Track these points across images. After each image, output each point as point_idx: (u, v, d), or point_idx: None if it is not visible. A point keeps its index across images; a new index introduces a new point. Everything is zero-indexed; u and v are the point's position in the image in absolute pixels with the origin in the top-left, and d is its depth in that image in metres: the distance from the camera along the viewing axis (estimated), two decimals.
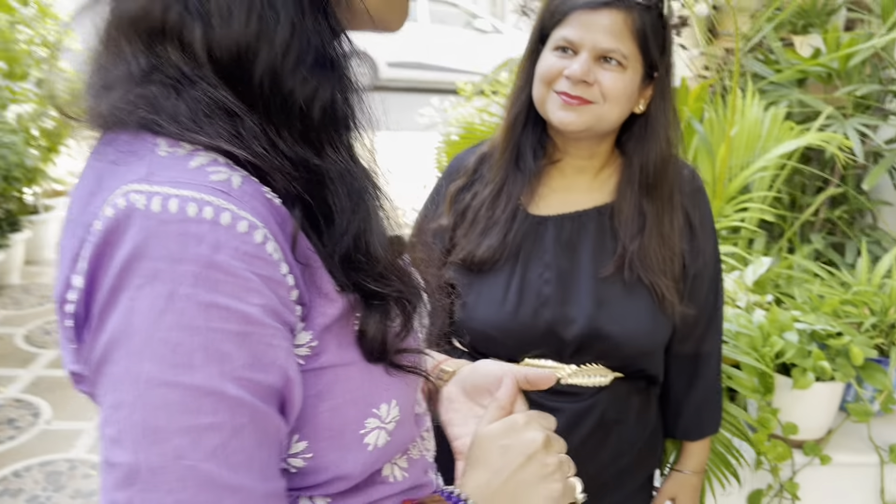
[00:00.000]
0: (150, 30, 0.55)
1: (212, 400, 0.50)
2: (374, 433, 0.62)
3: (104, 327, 0.51)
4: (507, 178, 1.16)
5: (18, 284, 4.29)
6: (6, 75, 4.61)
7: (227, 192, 0.52)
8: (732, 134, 1.72)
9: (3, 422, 2.96)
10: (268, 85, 0.54)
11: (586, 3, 1.08)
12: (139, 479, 0.50)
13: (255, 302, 0.51)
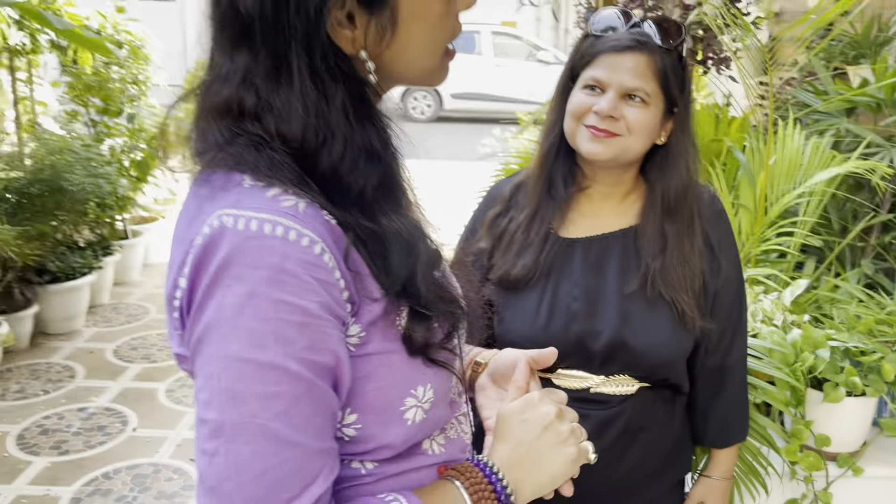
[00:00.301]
0: (233, 113, 0.72)
1: (278, 373, 0.65)
2: (412, 410, 0.76)
3: (201, 317, 0.68)
4: (541, 204, 1.28)
5: (108, 304, 4.62)
6: (102, 111, 5.01)
7: (294, 215, 0.67)
8: (771, 162, 1.81)
9: (94, 428, 3.22)
10: (329, 176, 0.70)
11: (613, 46, 1.21)
12: (224, 432, 0.66)
13: (313, 299, 0.66)
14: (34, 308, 3.95)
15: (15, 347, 3.86)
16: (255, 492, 0.65)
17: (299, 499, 0.66)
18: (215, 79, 0.73)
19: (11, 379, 3.63)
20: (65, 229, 4.27)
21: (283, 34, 0.68)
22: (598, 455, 0.84)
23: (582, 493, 1.25)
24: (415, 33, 0.73)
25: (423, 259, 0.74)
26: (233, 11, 0.70)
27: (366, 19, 0.70)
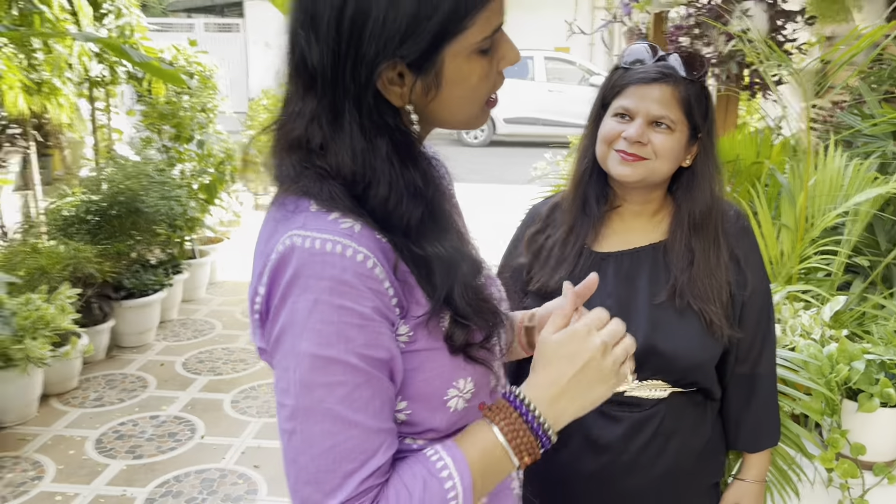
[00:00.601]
0: (303, 148, 0.85)
1: (340, 366, 0.79)
2: (454, 400, 0.88)
3: (278, 320, 0.82)
4: (576, 221, 1.39)
5: (177, 319, 4.87)
6: (174, 138, 5.30)
7: (350, 235, 0.79)
8: (810, 184, 1.88)
9: (165, 435, 3.42)
10: (378, 212, 0.83)
11: (641, 78, 1.31)
12: (298, 415, 0.80)
13: (367, 305, 0.79)
14: (111, 322, 4.21)
15: (93, 359, 4.12)
16: (325, 464, 0.79)
17: (360, 471, 0.79)
18: (289, 116, 0.86)
19: (90, 388, 3.87)
20: (139, 248, 4.54)
21: (339, 89, 0.81)
22: (635, 376, 0.91)
23: (619, 494, 1.34)
24: (457, 92, 0.84)
25: (462, 278, 0.85)
26: (303, 63, 0.83)
27: (413, 79, 0.82)
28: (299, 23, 0.83)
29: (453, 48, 0.81)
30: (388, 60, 0.80)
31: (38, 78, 4.68)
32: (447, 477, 0.82)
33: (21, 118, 5.18)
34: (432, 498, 0.81)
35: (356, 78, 0.80)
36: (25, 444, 3.31)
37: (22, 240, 4.14)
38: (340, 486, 0.78)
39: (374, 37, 0.79)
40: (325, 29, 0.80)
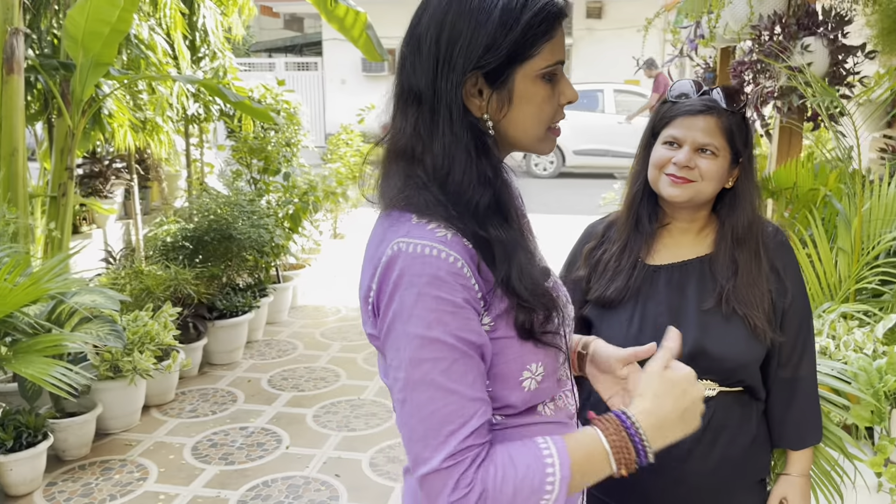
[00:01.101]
0: (407, 156, 1.06)
1: (440, 345, 0.96)
2: (528, 381, 1.05)
3: (389, 310, 1.00)
4: (630, 237, 1.55)
5: (262, 340, 5.18)
6: (262, 171, 5.68)
7: (444, 242, 0.98)
8: (865, 209, 1.99)
9: (254, 444, 3.68)
10: (454, 194, 1.02)
11: (687, 110, 1.47)
12: (409, 385, 0.98)
13: (459, 296, 0.97)
14: (204, 340, 4.53)
15: (188, 374, 4.45)
16: (431, 425, 0.97)
17: (459, 431, 0.96)
18: (396, 133, 1.08)
19: (185, 401, 4.19)
20: (230, 273, 4.88)
21: (436, 97, 1.02)
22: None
23: (674, 482, 1.48)
24: (525, 109, 1.04)
25: (519, 264, 1.03)
26: (408, 84, 1.05)
27: (490, 93, 1.03)
28: (408, 51, 1.05)
29: (523, 70, 1.02)
30: (471, 71, 1.00)
31: (143, 117, 5.12)
32: (550, 464, 0.96)
33: (126, 154, 5.66)
34: (533, 476, 0.95)
35: (449, 86, 1.01)
36: (130, 449, 3.63)
37: (126, 264, 4.53)
38: (444, 444, 0.95)
39: (462, 51, 1.00)
40: (427, 50, 1.02)
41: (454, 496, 0.94)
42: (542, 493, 0.96)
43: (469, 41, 0.99)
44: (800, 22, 2.81)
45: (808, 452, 1.57)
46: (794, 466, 1.57)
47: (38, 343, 2.83)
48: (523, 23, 1.00)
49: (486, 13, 1.00)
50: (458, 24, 1.00)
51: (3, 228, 3.43)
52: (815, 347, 1.56)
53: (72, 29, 3.74)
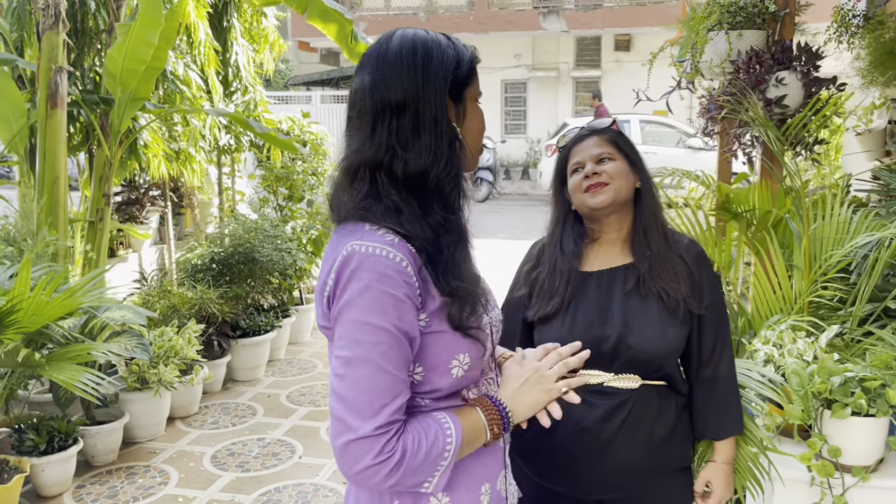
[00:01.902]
0: (374, 165, 1.23)
1: (381, 331, 1.12)
2: (456, 369, 1.23)
3: (341, 300, 1.15)
4: (556, 259, 1.75)
5: (284, 358, 5.43)
6: (287, 198, 5.97)
7: (392, 244, 1.15)
8: (813, 230, 2.15)
9: (269, 454, 3.90)
10: (434, 187, 1.21)
11: (576, 139, 1.73)
12: (350, 364, 1.15)
13: (401, 291, 1.14)
14: (227, 357, 4.79)
15: (211, 389, 4.70)
16: (367, 398, 1.14)
17: (389, 406, 1.14)
18: (362, 146, 1.23)
19: (208, 413, 4.44)
20: (254, 294, 5.15)
21: (422, 104, 1.19)
22: (576, 393, 1.29)
23: (600, 467, 1.66)
24: (473, 123, 1.26)
25: (457, 257, 1.22)
26: (385, 101, 1.18)
27: (454, 106, 1.23)
28: (378, 75, 1.20)
29: (469, 91, 1.25)
30: (448, 84, 1.20)
31: (177, 147, 5.47)
32: (449, 434, 1.18)
33: (161, 182, 6.01)
34: (437, 444, 1.16)
35: (433, 93, 1.19)
36: (154, 456, 3.87)
37: (158, 285, 4.83)
38: (376, 415, 1.11)
39: (439, 64, 1.20)
40: (406, 70, 1.19)
41: (377, 459, 1.11)
42: (442, 458, 1.17)
43: (440, 59, 1.21)
44: (775, 57, 2.99)
45: (731, 442, 1.74)
46: (718, 455, 1.74)
47: (69, 352, 3.10)
48: (468, 55, 1.24)
49: (437, 42, 1.22)
50: (429, 47, 1.21)
51: (44, 249, 3.74)
52: (732, 348, 1.73)
53: (111, 67, 4.08)
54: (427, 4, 17.58)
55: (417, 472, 1.15)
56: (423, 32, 1.24)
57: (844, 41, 3.97)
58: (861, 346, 2.13)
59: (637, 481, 1.68)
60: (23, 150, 4.22)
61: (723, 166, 4.20)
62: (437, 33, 1.26)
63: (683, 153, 12.61)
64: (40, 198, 3.93)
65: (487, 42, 18.39)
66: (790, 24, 3.06)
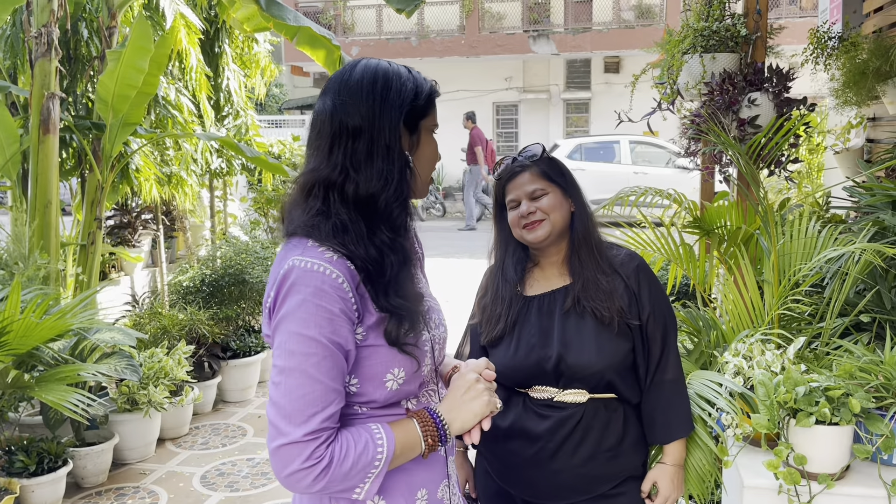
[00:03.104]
0: (328, 184, 1.29)
1: (315, 343, 1.19)
2: (390, 382, 1.29)
3: (279, 312, 1.21)
4: (498, 286, 1.84)
5: None
6: (278, 220, 6.03)
7: (330, 261, 1.21)
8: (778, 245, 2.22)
9: (259, 474, 3.92)
10: (383, 209, 1.28)
11: (509, 176, 1.80)
12: (284, 373, 1.19)
13: (337, 306, 1.20)
14: (218, 378, 4.83)
15: (202, 410, 4.73)
16: (298, 406, 1.18)
17: (320, 414, 1.19)
18: (319, 165, 1.30)
19: (198, 434, 4.46)
20: (244, 315, 5.20)
21: (376, 131, 1.25)
22: (502, 404, 1.40)
23: (550, 472, 1.74)
24: (426, 153, 1.34)
25: (399, 276, 1.29)
26: (343, 126, 1.26)
27: (409, 135, 1.31)
28: (339, 100, 1.28)
29: (424, 123, 1.33)
30: (404, 114, 1.27)
31: (169, 171, 5.54)
32: (380, 444, 1.24)
33: (153, 205, 6.07)
34: (367, 453, 1.22)
35: (387, 122, 1.27)
36: (144, 478, 3.90)
37: (149, 307, 4.88)
38: (306, 422, 1.17)
39: (396, 94, 1.27)
40: (364, 98, 1.26)
41: (306, 464, 1.17)
42: (372, 466, 1.23)
43: (399, 89, 1.28)
44: (747, 78, 3.08)
45: (680, 445, 1.82)
46: (666, 456, 1.82)
47: (59, 373, 3.14)
48: (427, 88, 1.32)
49: (398, 74, 1.31)
50: (389, 78, 1.29)
51: (35, 273, 3.79)
52: (678, 354, 1.82)
53: (102, 92, 4.16)
54: (419, 29, 17.80)
55: (346, 479, 1.21)
56: (386, 64, 1.33)
57: (821, 62, 4.08)
58: (829, 359, 2.19)
59: (586, 489, 1.76)
60: (15, 175, 4.28)
61: (705, 185, 4.29)
62: (401, 66, 1.33)
63: (673, 173, 12.74)
64: (32, 222, 3.99)
65: (479, 65, 18.61)
66: (761, 47, 3.16)
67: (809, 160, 5.48)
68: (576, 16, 17.51)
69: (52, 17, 3.96)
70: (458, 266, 10.05)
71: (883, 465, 1.90)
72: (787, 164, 3.08)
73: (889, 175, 3.05)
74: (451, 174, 18.22)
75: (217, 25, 6.17)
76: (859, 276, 2.41)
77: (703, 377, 2.01)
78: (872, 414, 1.86)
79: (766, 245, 2.35)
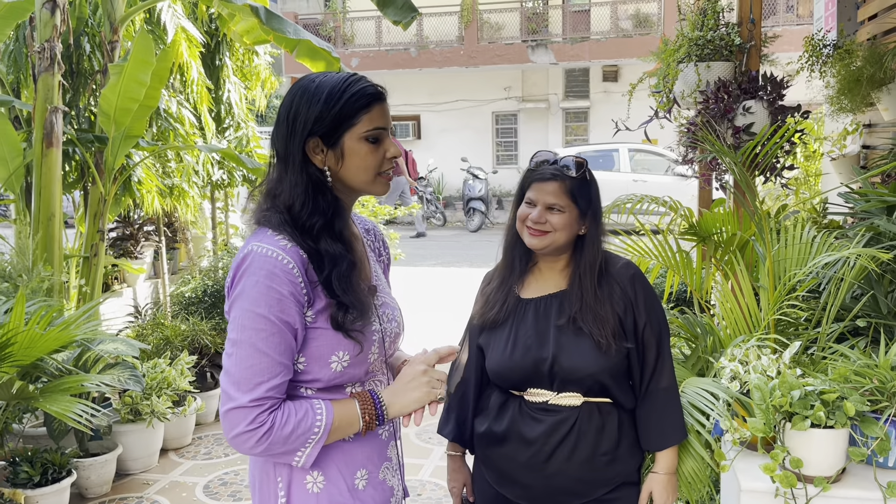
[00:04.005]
0: (271, 194, 1.43)
1: (264, 320, 1.33)
2: (335, 364, 1.41)
3: (235, 290, 1.37)
4: (506, 275, 1.87)
5: None
6: None
7: (283, 248, 1.36)
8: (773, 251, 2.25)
9: None
10: (296, 219, 1.39)
11: (539, 177, 1.81)
12: (236, 345, 1.34)
13: (286, 289, 1.34)
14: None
15: (205, 420, 4.75)
16: (246, 375, 1.32)
17: (266, 383, 1.32)
18: (269, 178, 1.47)
19: (201, 444, 4.48)
20: None
21: (288, 155, 1.42)
22: (448, 393, 1.46)
23: (545, 476, 1.76)
24: (354, 161, 1.43)
25: (342, 274, 1.39)
26: (275, 149, 1.45)
27: (327, 151, 1.42)
28: (275, 126, 1.45)
29: (350, 133, 1.43)
30: (309, 137, 1.40)
31: (171, 183, 5.58)
32: (319, 414, 1.37)
33: (155, 217, 6.11)
34: (307, 420, 1.35)
35: (293, 147, 1.41)
36: (147, 488, 3.92)
37: (152, 318, 4.91)
38: (252, 390, 1.32)
39: (300, 123, 1.40)
40: (283, 124, 1.42)
41: (249, 427, 1.31)
42: (311, 433, 1.35)
43: (305, 116, 1.41)
44: (742, 87, 3.12)
45: (672, 453, 1.84)
46: (659, 465, 1.84)
47: (62, 384, 3.17)
48: (343, 101, 1.41)
49: (316, 97, 1.42)
50: (299, 105, 1.43)
51: (39, 285, 3.82)
52: (672, 362, 1.86)
53: (105, 106, 4.21)
54: (417, 40, 17.90)
55: (286, 443, 1.34)
56: (308, 81, 1.45)
57: (816, 70, 4.12)
58: (825, 363, 2.21)
59: (582, 493, 1.78)
60: (19, 189, 4.32)
61: (703, 192, 4.32)
62: (338, 78, 1.44)
63: (672, 180, 12.78)
64: (36, 234, 4.03)
65: (478, 75, 18.70)
66: (755, 55, 3.20)
67: (806, 167, 5.52)
68: (574, 25, 17.61)
69: (55, 31, 4.01)
70: (458, 275, 10.09)
71: (878, 468, 1.92)
72: (782, 170, 3.11)
73: (884, 181, 3.08)
74: (451, 184, 18.28)
75: (218, 38, 6.23)
76: (855, 280, 2.44)
77: (697, 384, 2.04)
78: (867, 417, 1.88)
79: (761, 251, 2.37)
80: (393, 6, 4.38)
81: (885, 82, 3.43)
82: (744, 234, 2.49)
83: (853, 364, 2.02)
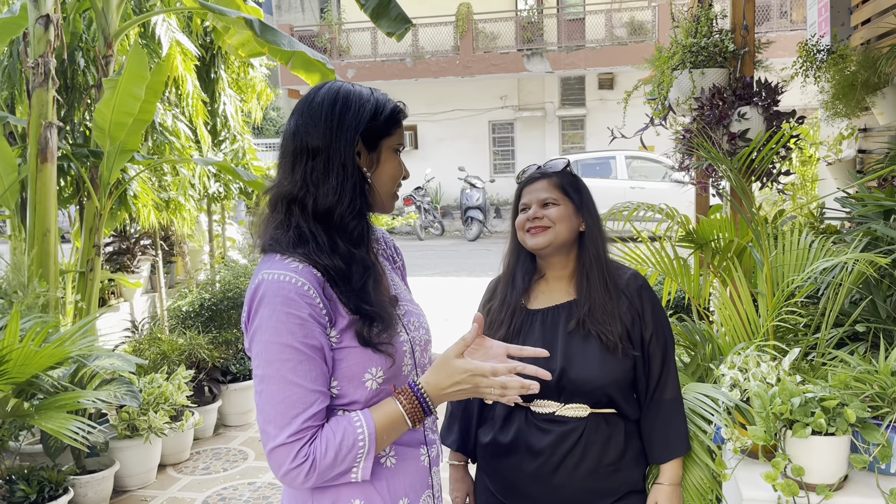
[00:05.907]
0: (290, 198, 1.36)
1: (288, 349, 1.25)
2: (369, 381, 1.33)
3: (253, 324, 1.28)
4: (507, 292, 1.86)
5: None
6: None
7: (296, 271, 1.28)
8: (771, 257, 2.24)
9: (260, 498, 3.91)
10: (339, 223, 1.34)
11: (527, 180, 1.84)
12: (265, 381, 1.26)
13: (305, 312, 1.26)
14: (218, 402, 4.82)
15: (203, 435, 4.72)
16: (279, 409, 1.25)
17: (302, 415, 1.25)
18: (282, 181, 1.37)
19: (199, 459, 4.45)
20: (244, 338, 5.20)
21: (333, 151, 1.33)
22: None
23: (552, 487, 1.74)
24: (386, 170, 1.40)
25: (364, 281, 1.34)
26: (304, 145, 1.34)
27: (367, 153, 1.37)
28: (301, 121, 1.36)
29: (386, 142, 1.40)
30: (359, 135, 1.35)
31: (167, 196, 5.57)
32: (360, 427, 1.29)
33: (151, 231, 6.10)
34: (347, 438, 1.27)
35: (343, 142, 1.34)
36: None
37: (148, 332, 4.88)
38: (289, 424, 1.25)
39: (351, 120, 1.35)
40: (323, 119, 1.34)
41: (293, 464, 1.24)
42: (357, 449, 1.28)
43: (356, 113, 1.36)
44: (736, 93, 3.12)
45: (677, 464, 1.82)
46: (663, 476, 1.82)
47: (58, 400, 3.14)
48: (388, 108, 1.39)
49: (364, 98, 1.38)
50: (348, 100, 1.37)
51: (34, 301, 3.80)
52: (677, 373, 1.84)
53: (99, 120, 4.20)
54: (413, 50, 17.95)
55: (335, 467, 1.27)
56: (350, 86, 1.40)
57: (810, 75, 4.12)
58: (825, 370, 2.20)
59: (587, 503, 1.76)
60: (14, 204, 4.31)
61: (701, 199, 4.31)
62: (366, 88, 1.41)
63: (670, 187, 12.80)
64: (31, 250, 4.01)
65: (474, 85, 18.74)
66: (750, 61, 3.20)
67: (803, 172, 5.51)
68: (569, 34, 17.66)
69: (49, 47, 4.01)
70: (457, 284, 10.07)
71: (881, 475, 1.90)
72: (778, 176, 3.10)
73: (880, 185, 3.08)
74: (448, 193, 18.29)
75: (213, 52, 6.24)
76: (853, 285, 2.43)
77: (698, 390, 2.02)
78: (868, 423, 1.87)
79: (758, 257, 2.36)
80: (387, 18, 4.39)
81: (880, 86, 3.43)
82: (741, 240, 2.48)
83: (853, 370, 2.01)
